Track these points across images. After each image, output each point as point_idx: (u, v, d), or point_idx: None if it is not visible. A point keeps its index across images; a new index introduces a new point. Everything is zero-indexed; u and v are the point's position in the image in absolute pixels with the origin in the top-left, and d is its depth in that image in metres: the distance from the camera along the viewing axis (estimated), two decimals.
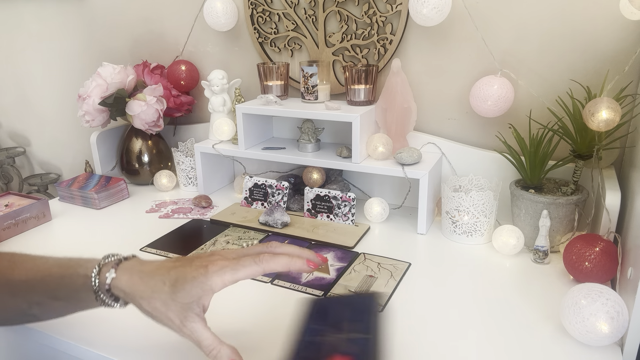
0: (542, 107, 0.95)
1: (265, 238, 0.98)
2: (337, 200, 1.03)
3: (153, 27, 1.35)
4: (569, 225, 0.88)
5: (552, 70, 0.95)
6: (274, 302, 0.77)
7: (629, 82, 0.88)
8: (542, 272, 0.84)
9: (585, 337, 0.63)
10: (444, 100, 1.06)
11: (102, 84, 1.16)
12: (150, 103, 1.17)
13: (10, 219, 1.00)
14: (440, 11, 0.93)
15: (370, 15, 1.06)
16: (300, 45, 1.17)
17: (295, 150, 1.12)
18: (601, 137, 0.83)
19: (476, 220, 0.92)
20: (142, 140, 1.27)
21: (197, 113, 1.37)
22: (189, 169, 1.23)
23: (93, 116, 1.19)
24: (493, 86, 0.93)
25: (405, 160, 0.98)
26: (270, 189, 1.10)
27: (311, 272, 0.84)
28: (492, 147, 1.03)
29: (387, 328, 0.55)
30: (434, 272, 0.85)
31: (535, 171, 0.90)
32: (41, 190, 1.68)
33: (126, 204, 1.19)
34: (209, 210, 1.13)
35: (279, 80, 1.13)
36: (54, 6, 1.49)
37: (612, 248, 0.76)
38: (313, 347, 0.51)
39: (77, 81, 1.47)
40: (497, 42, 0.98)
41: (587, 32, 0.91)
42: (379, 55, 1.08)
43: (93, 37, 1.46)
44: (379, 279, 0.82)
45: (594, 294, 0.62)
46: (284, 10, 1.15)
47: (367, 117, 1.02)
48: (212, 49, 1.29)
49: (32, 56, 1.59)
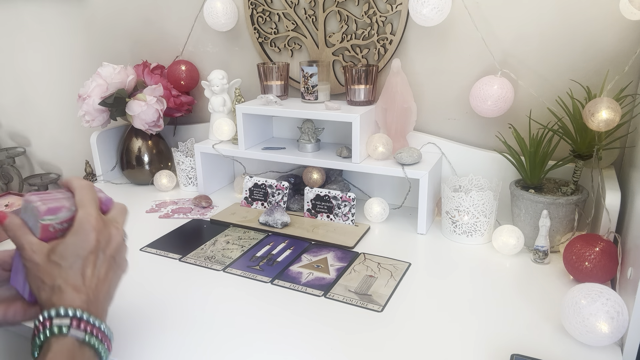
0: (542, 107, 0.95)
1: (265, 238, 0.98)
2: (337, 200, 1.03)
3: (153, 28, 1.35)
4: (569, 225, 0.88)
5: (552, 70, 0.95)
6: (274, 302, 0.77)
7: (629, 82, 0.88)
8: (542, 272, 0.84)
9: (585, 337, 0.63)
10: (444, 100, 1.06)
11: (102, 84, 1.16)
12: (150, 103, 1.17)
13: None
14: (440, 11, 0.93)
15: (370, 15, 1.06)
16: (300, 45, 1.17)
17: (295, 150, 1.12)
18: (601, 137, 0.83)
19: (476, 220, 0.92)
20: (142, 140, 1.27)
21: (197, 113, 1.37)
22: (189, 169, 1.23)
23: (93, 116, 1.19)
24: (493, 86, 0.93)
25: (405, 160, 0.98)
26: (270, 189, 1.10)
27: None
28: (492, 147, 1.03)
29: (387, 328, 0.55)
30: (434, 272, 0.85)
31: (535, 171, 0.90)
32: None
33: (126, 203, 1.18)
34: (209, 210, 1.13)
35: (279, 80, 1.13)
36: (54, 6, 1.49)
37: (612, 248, 0.76)
38: None
39: (77, 81, 1.47)
40: (497, 42, 0.98)
41: (587, 32, 0.91)
42: (379, 55, 1.08)
43: (93, 37, 1.46)
44: (379, 279, 0.82)
45: (594, 294, 0.62)
46: (284, 10, 1.15)
47: (367, 117, 1.02)
48: (212, 49, 1.29)
49: (32, 56, 1.59)
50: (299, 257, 0.90)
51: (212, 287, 0.81)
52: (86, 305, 0.53)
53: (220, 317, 0.73)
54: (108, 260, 0.58)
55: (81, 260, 0.55)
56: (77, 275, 0.54)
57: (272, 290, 0.80)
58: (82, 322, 0.52)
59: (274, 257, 0.90)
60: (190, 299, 0.78)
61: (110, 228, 0.59)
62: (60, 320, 0.51)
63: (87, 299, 0.54)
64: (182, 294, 0.79)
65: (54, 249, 0.55)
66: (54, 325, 0.51)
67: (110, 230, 0.59)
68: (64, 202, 0.58)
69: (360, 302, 0.76)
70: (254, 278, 0.83)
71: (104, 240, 0.57)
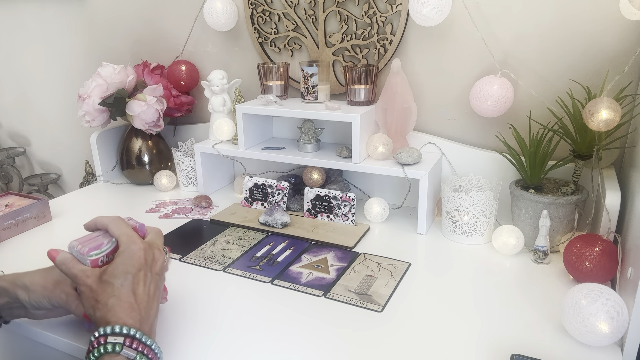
0: (542, 107, 0.95)
1: (265, 238, 0.98)
2: (337, 200, 1.03)
3: (153, 27, 1.35)
4: (569, 225, 0.88)
5: (552, 70, 0.95)
6: (274, 302, 0.77)
7: (629, 82, 0.88)
8: (542, 272, 0.84)
9: (585, 337, 0.63)
10: (444, 100, 1.06)
11: (102, 84, 1.16)
12: (150, 103, 1.17)
13: (11, 219, 1.00)
14: (440, 11, 0.93)
15: (370, 15, 1.06)
16: (300, 45, 1.17)
17: (295, 150, 1.12)
18: (601, 137, 0.83)
19: (476, 220, 0.92)
20: (142, 140, 1.27)
21: (197, 113, 1.37)
22: (189, 169, 1.23)
23: (93, 116, 1.19)
24: (493, 86, 0.93)
25: (405, 160, 0.98)
26: (270, 189, 1.10)
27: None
28: (492, 147, 1.03)
29: (387, 328, 0.55)
30: (434, 272, 0.85)
31: (535, 171, 0.90)
32: (41, 190, 1.68)
33: (126, 203, 1.19)
34: (209, 210, 1.13)
35: (279, 80, 1.13)
36: (54, 6, 1.49)
37: (612, 248, 0.76)
38: None
39: (77, 81, 1.47)
40: (497, 42, 0.98)
41: (587, 33, 0.91)
42: (379, 55, 1.08)
43: (93, 37, 1.46)
44: (379, 279, 0.82)
45: (594, 294, 0.62)
46: (284, 10, 1.15)
47: (367, 117, 1.02)
48: (212, 49, 1.29)
49: (32, 56, 1.60)
50: (299, 257, 0.90)
51: (212, 287, 0.81)
52: (139, 324, 0.55)
53: (220, 317, 0.73)
54: (155, 279, 0.60)
55: (131, 277, 0.58)
56: (129, 293, 0.57)
57: (272, 290, 0.80)
58: (135, 341, 0.53)
59: (274, 257, 0.90)
60: (190, 299, 0.77)
61: (154, 248, 0.62)
62: (114, 338, 0.53)
63: (139, 318, 0.56)
64: (181, 294, 0.79)
65: (105, 270, 0.59)
66: (108, 343, 0.52)
67: (154, 250, 0.62)
68: (101, 239, 0.63)
69: (360, 302, 0.76)
70: (254, 278, 0.83)
71: (150, 259, 0.60)
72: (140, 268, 0.59)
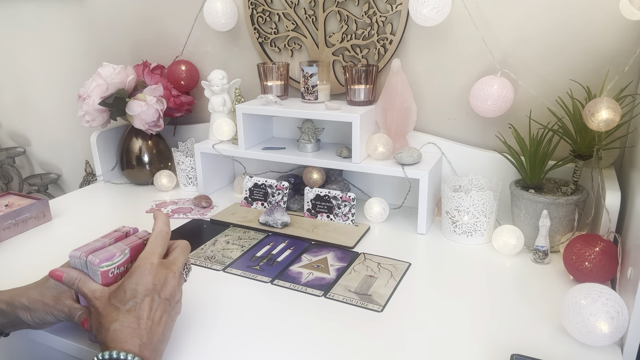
0: (542, 107, 0.95)
1: (265, 238, 0.98)
2: (337, 200, 1.03)
3: (153, 27, 1.35)
4: (569, 225, 0.88)
5: (552, 70, 0.95)
6: (274, 302, 0.77)
7: (629, 82, 0.88)
8: (542, 272, 0.84)
9: (585, 337, 0.63)
10: (444, 100, 1.06)
11: (102, 84, 1.16)
12: (150, 103, 1.17)
13: (11, 219, 1.00)
14: (440, 11, 0.93)
15: (370, 15, 1.06)
16: (300, 45, 1.17)
17: (295, 150, 1.12)
18: (601, 137, 0.83)
19: (476, 220, 0.92)
20: (142, 140, 1.27)
21: (197, 113, 1.37)
22: (189, 169, 1.23)
23: (93, 116, 1.19)
24: (493, 86, 0.93)
25: (405, 160, 0.98)
26: (270, 189, 1.10)
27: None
28: (492, 147, 1.03)
29: (387, 328, 0.55)
30: (434, 272, 0.85)
31: (535, 171, 0.90)
32: (41, 190, 1.68)
33: (126, 203, 1.19)
34: (209, 210, 1.13)
35: (279, 80, 1.13)
36: (54, 6, 1.49)
37: (612, 248, 0.76)
38: None
39: (77, 81, 1.47)
40: (497, 42, 0.98)
41: (587, 33, 0.91)
42: (379, 55, 1.08)
43: (93, 37, 1.46)
44: (379, 279, 0.82)
45: (594, 294, 0.62)
46: (284, 10, 1.15)
47: (367, 117, 1.02)
48: (212, 49, 1.29)
49: (32, 56, 1.59)
50: (299, 257, 0.90)
51: (212, 287, 0.81)
52: (138, 349, 0.55)
53: (220, 317, 0.73)
54: (163, 303, 0.60)
55: (138, 303, 0.58)
56: (132, 319, 0.57)
57: (272, 290, 0.80)
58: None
59: (274, 257, 0.90)
60: (189, 299, 0.77)
61: (167, 271, 0.61)
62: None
63: (140, 343, 0.56)
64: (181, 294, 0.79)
65: (114, 293, 0.59)
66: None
67: (166, 273, 0.61)
68: (113, 250, 0.62)
69: (360, 302, 0.76)
70: (254, 278, 0.83)
71: (159, 283, 0.60)
72: (147, 294, 0.58)
